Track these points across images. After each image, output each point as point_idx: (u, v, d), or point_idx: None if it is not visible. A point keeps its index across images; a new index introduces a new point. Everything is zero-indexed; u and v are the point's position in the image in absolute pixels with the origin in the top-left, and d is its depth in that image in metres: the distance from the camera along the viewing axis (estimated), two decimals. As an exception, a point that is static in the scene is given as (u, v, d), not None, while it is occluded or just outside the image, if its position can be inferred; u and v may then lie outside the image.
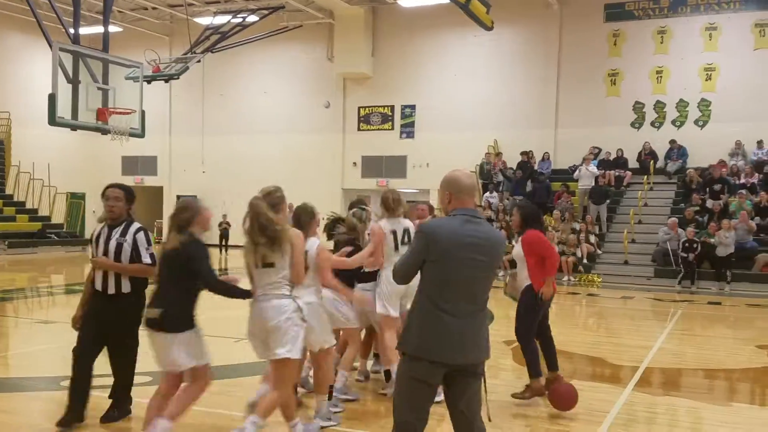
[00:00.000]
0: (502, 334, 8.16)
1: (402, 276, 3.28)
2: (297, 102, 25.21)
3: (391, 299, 5.39)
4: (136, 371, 4.90)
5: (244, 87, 25.80)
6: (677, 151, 19.41)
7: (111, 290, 4.59)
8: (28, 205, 24.29)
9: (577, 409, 5.43)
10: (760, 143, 18.42)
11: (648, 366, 7.22)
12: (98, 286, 4.62)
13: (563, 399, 5.28)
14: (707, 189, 17.37)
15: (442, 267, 3.13)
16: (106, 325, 4.64)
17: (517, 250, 5.66)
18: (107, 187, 4.74)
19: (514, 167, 20.34)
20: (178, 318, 4.14)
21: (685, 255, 15.31)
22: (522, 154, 20.49)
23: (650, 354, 7.83)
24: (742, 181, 17.60)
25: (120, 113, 13.09)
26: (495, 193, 19.59)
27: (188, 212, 4.26)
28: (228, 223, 23.46)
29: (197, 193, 26.76)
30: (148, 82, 15.90)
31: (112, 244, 4.58)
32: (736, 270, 15.16)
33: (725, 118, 19.25)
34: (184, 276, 4.13)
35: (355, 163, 24.47)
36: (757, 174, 17.65)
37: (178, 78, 18.54)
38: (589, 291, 14.52)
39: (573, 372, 7.08)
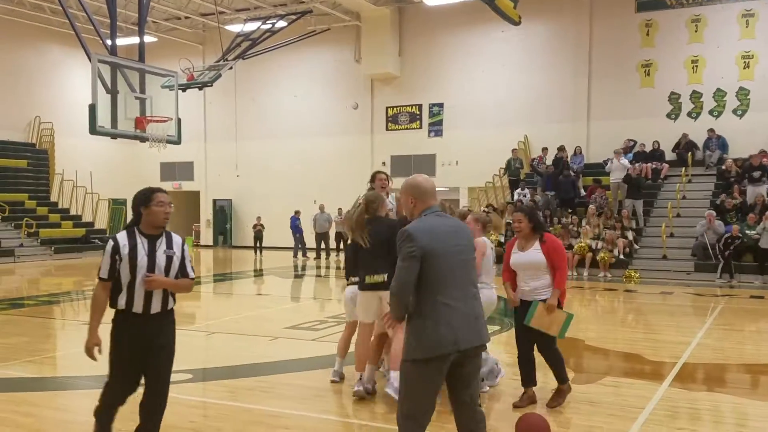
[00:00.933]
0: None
1: (405, 294, 3.26)
2: (326, 104, 25.45)
3: None
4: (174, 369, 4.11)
5: (274, 91, 26.16)
6: (716, 141, 18.99)
7: (156, 309, 3.88)
8: (72, 212, 25.02)
9: (611, 404, 5.43)
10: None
11: (686, 362, 7.12)
12: (139, 308, 3.82)
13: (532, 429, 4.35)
14: (746, 177, 16.95)
15: (437, 263, 3.27)
16: (146, 351, 3.86)
17: (533, 257, 5.28)
18: (155, 191, 3.95)
19: (548, 162, 20.18)
20: None
21: (723, 249, 15.00)
22: (559, 149, 20.29)
23: (689, 350, 7.70)
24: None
25: (157, 121, 13.43)
26: (526, 190, 19.42)
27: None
28: (262, 225, 23.83)
29: (232, 196, 27.32)
30: (183, 90, 16.30)
31: (161, 257, 3.88)
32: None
33: (765, 106, 18.77)
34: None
35: (384, 163, 24.56)
36: (799, 163, 17.15)
37: (211, 85, 18.99)
38: (626, 287, 14.30)
39: (609, 368, 7.04)
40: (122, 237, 3.91)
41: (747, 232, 15.22)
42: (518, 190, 19.50)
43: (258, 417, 5.15)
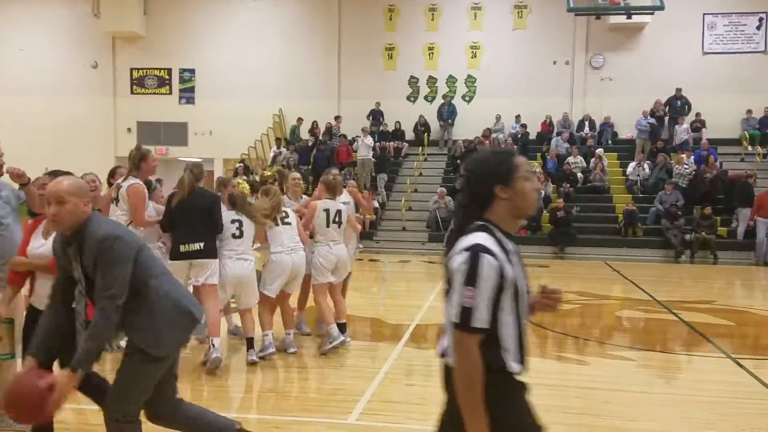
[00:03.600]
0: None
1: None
2: (60, 62, 22.61)
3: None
4: None
5: (-8, 43, 22.46)
6: (447, 108, 20.91)
7: None
8: None
9: (352, 367, 5.66)
10: (517, 117, 20.58)
11: (419, 323, 7.73)
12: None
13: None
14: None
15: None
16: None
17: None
18: None
19: (305, 137, 20.61)
20: None
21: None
22: (313, 125, 20.72)
23: (421, 312, 8.39)
24: (502, 152, 19.51)
25: None
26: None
27: None
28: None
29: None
30: None
31: None
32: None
33: (488, 93, 21.19)
34: None
35: (129, 129, 22.69)
36: (515, 146, 19.71)
37: None
38: (371, 257, 15.16)
39: (352, 333, 7.33)
40: None
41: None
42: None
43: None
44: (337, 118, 20.94)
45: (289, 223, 5.98)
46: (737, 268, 14.74)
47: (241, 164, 19.38)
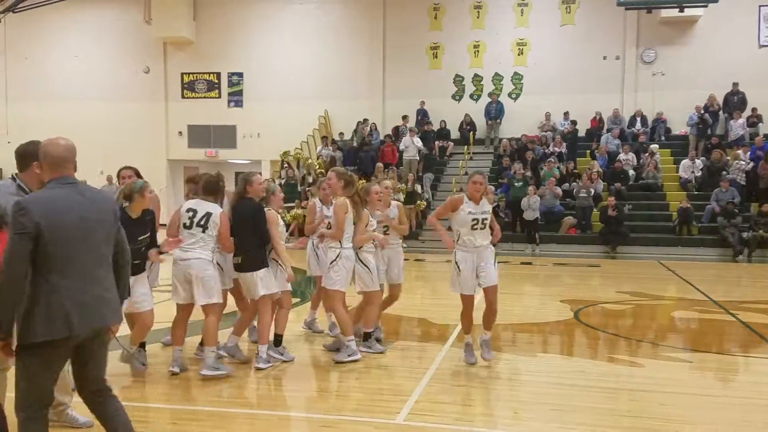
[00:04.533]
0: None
1: (14, 273, 2.92)
2: (113, 67, 23.34)
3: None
4: None
5: (52, 51, 23.41)
6: (495, 106, 20.69)
7: None
8: None
9: (399, 368, 5.68)
10: (566, 114, 20.23)
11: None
12: None
13: None
14: (519, 157, 18.77)
15: (52, 241, 2.97)
16: None
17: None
18: None
19: (349, 137, 20.73)
20: None
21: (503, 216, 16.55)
22: (359, 124, 20.82)
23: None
24: (551, 150, 19.25)
25: None
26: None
27: None
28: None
29: (2, 165, 23.96)
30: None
31: None
32: (545, 232, 16.65)
33: (536, 90, 20.89)
34: None
35: (180, 133, 23.25)
36: (564, 143, 19.40)
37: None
38: (416, 257, 15.15)
39: (399, 334, 7.34)
40: None
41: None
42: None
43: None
44: (404, 117, 20.79)
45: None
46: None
47: (286, 163, 19.69)
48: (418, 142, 19.25)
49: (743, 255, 15.15)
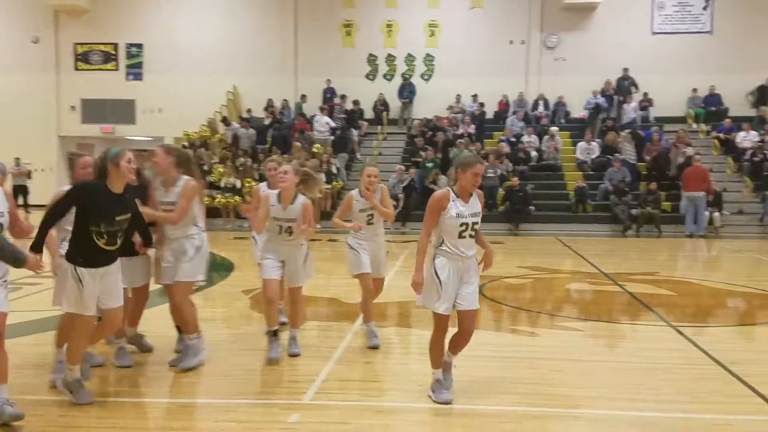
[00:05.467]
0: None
1: None
2: (-2, 35, 21.70)
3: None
4: None
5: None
6: (408, 87, 20.94)
7: None
8: None
9: (311, 347, 5.74)
10: (475, 97, 20.76)
11: (376, 301, 7.81)
12: None
13: None
14: (430, 138, 19.15)
15: None
16: None
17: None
18: None
19: (260, 115, 20.35)
20: None
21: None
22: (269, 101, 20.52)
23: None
24: (461, 131, 19.73)
25: None
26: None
27: None
28: None
29: None
30: None
31: None
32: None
33: (447, 72, 21.27)
34: None
35: (73, 107, 22.01)
36: (473, 125, 19.92)
37: None
38: (329, 237, 15.17)
39: (313, 314, 7.37)
40: None
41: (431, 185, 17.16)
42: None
43: None
44: (302, 96, 20.65)
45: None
46: (679, 241, 15.37)
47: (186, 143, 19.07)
48: (331, 121, 19.21)
49: (632, 230, 16.27)
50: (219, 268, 10.25)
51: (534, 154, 18.91)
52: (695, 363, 5.54)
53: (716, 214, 16.04)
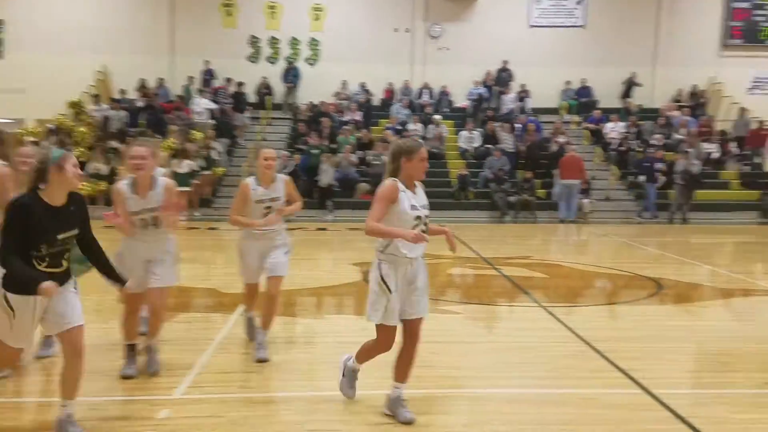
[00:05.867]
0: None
1: None
2: None
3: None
4: None
5: None
6: (292, 71, 20.58)
7: None
8: None
9: (182, 339, 5.47)
10: (362, 84, 20.74)
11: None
12: None
13: None
14: (316, 124, 18.94)
15: None
16: None
17: None
18: None
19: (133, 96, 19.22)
20: None
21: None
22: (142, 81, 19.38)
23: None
24: (347, 117, 19.66)
25: None
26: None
27: None
28: None
29: None
30: None
31: None
32: (341, 198, 17.05)
33: (332, 57, 21.07)
34: None
35: None
36: (359, 112, 19.90)
37: None
38: (209, 225, 14.67)
39: (185, 306, 7.05)
40: None
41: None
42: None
43: None
44: (190, 78, 19.72)
45: None
46: (553, 226, 16.27)
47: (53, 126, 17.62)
48: (210, 104, 18.51)
49: (509, 216, 17.01)
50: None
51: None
52: (564, 341, 5.83)
53: (585, 200, 17.11)
